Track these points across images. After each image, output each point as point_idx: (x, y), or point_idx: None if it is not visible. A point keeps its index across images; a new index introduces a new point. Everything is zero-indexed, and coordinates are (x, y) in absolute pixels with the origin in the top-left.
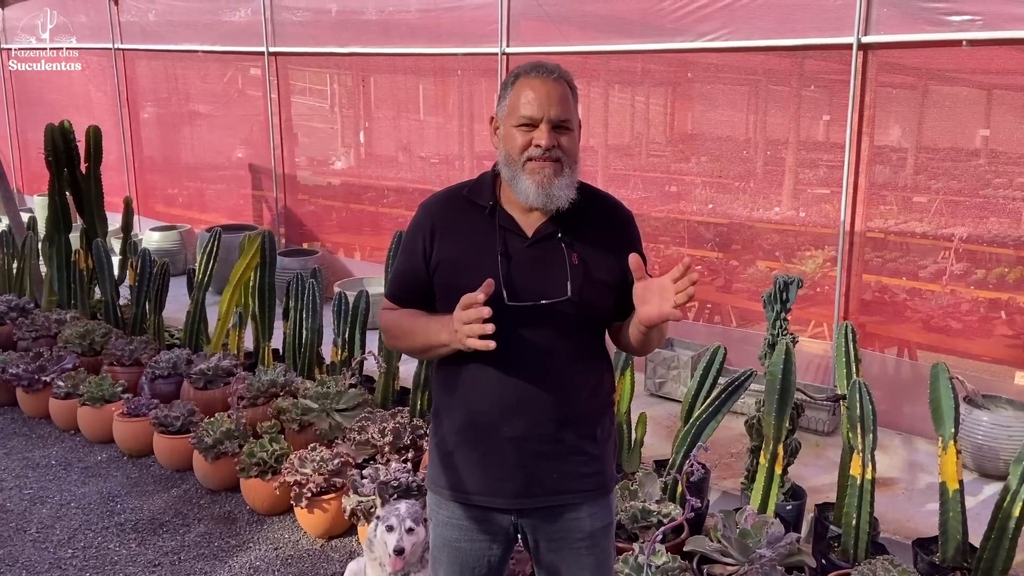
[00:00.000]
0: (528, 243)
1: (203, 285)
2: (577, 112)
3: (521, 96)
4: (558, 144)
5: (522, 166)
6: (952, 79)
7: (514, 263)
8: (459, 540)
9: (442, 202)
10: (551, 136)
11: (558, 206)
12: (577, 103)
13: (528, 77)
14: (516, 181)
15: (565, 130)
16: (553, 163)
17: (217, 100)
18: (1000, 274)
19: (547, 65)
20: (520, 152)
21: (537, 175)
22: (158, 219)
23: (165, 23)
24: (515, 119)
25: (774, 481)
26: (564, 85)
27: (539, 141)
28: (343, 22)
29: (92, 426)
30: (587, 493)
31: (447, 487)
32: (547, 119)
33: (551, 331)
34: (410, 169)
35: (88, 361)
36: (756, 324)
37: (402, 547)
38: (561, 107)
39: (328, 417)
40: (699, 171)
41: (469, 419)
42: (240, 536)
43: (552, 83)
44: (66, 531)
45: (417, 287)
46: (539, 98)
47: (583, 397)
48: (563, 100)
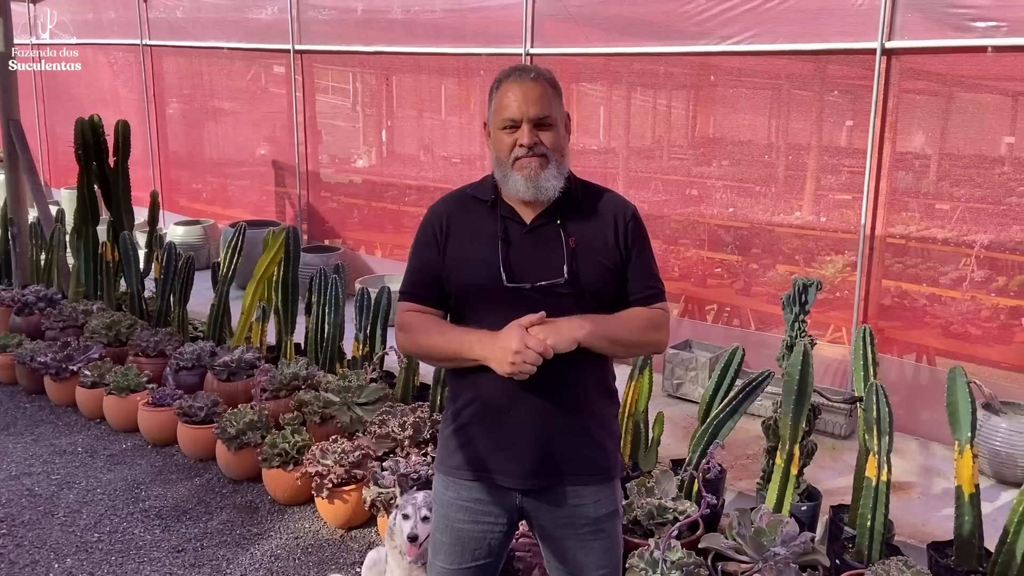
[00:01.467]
0: (527, 229)
1: (227, 279)
2: (560, 107)
3: (502, 99)
4: (540, 140)
5: (511, 165)
6: (976, 86)
7: (513, 248)
8: (463, 521)
9: (448, 200)
10: (532, 134)
11: (548, 197)
12: (560, 99)
13: (507, 81)
14: (507, 179)
15: (547, 127)
16: (539, 158)
17: (242, 97)
18: (1022, 281)
19: (524, 66)
20: (507, 153)
21: (524, 170)
22: (182, 214)
23: (192, 20)
24: (499, 122)
25: (789, 481)
26: (542, 83)
27: (522, 140)
28: (369, 21)
29: (117, 415)
30: (591, 476)
31: (461, 466)
32: (527, 118)
33: (552, 313)
34: (432, 168)
35: (114, 351)
36: (774, 328)
37: (415, 534)
38: (540, 105)
39: (349, 410)
40: (720, 175)
41: (481, 403)
42: (261, 525)
43: (529, 83)
44: (92, 516)
45: (435, 281)
46: (518, 99)
47: (587, 386)
48: (541, 98)
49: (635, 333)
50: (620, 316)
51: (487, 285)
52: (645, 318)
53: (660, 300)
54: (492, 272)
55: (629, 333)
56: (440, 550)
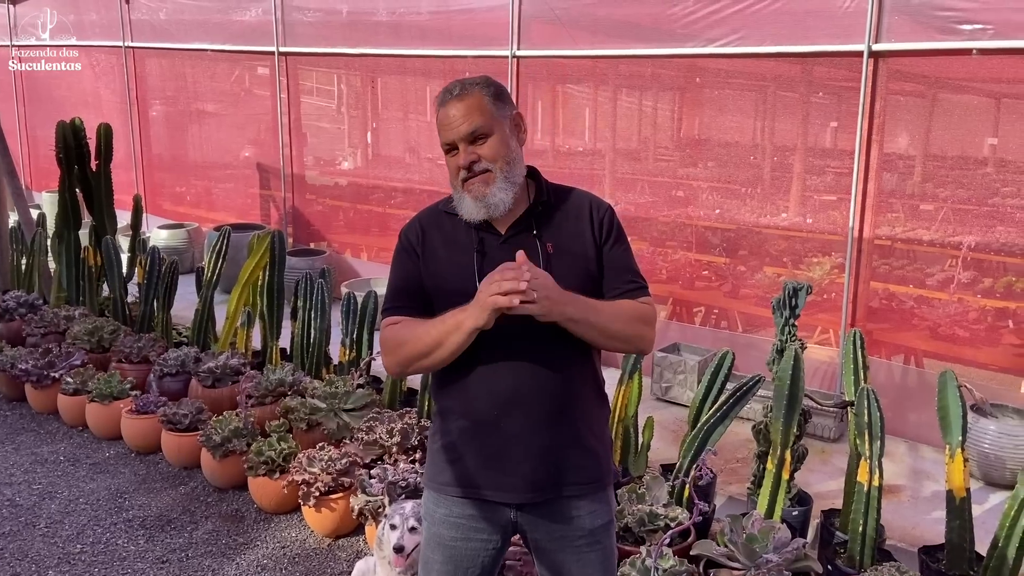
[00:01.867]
0: (503, 239)
1: (212, 284)
2: (500, 111)
3: (439, 125)
4: (479, 156)
5: (462, 187)
6: (962, 87)
7: (488, 259)
8: (455, 539)
9: (423, 216)
10: (467, 153)
11: (502, 211)
12: (500, 101)
13: (439, 106)
14: (461, 203)
15: (482, 138)
16: (481, 175)
17: (226, 99)
18: (1008, 283)
19: (451, 85)
20: (456, 177)
21: (472, 191)
22: (165, 217)
23: (175, 22)
24: (443, 147)
25: (781, 487)
26: (469, 96)
27: (460, 162)
28: (354, 23)
29: (100, 423)
30: (585, 486)
31: (451, 483)
32: (459, 138)
33: (534, 325)
34: (418, 170)
35: (96, 358)
36: (762, 330)
37: (402, 544)
38: (468, 121)
39: (336, 417)
40: (707, 176)
41: (468, 417)
42: (248, 534)
43: (454, 103)
44: (75, 526)
45: (418, 293)
46: (448, 122)
47: (576, 394)
48: (468, 114)
49: (621, 322)
50: (609, 303)
51: (464, 302)
52: (633, 309)
53: (645, 294)
54: (468, 286)
55: (616, 322)
56: (431, 568)
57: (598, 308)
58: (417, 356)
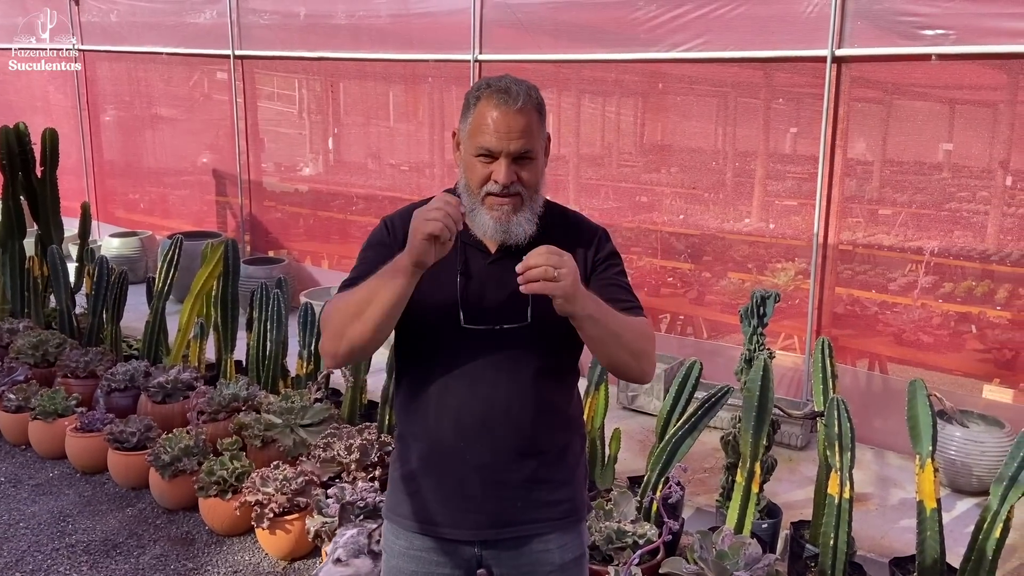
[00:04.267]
0: (491, 260)
1: (163, 294)
2: (543, 132)
3: (481, 122)
4: (518, 178)
5: (481, 200)
6: (923, 94)
7: (473, 282)
8: (415, 572)
9: (406, 215)
10: (510, 172)
11: (518, 241)
12: (544, 121)
13: (489, 103)
14: (475, 214)
15: (527, 160)
16: (512, 198)
17: (181, 104)
18: (968, 287)
19: (511, 90)
20: (479, 185)
21: (495, 211)
22: (119, 225)
23: (127, 24)
24: (473, 147)
25: (751, 500)
26: (529, 113)
27: (497, 177)
28: (312, 26)
29: (43, 441)
30: (556, 522)
31: (409, 516)
32: (506, 153)
33: (512, 353)
34: (380, 176)
35: (41, 373)
36: (728, 336)
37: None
38: (523, 140)
39: (292, 433)
40: (670, 182)
41: (432, 446)
42: (198, 559)
43: (514, 116)
44: (13, 553)
45: None
46: (499, 131)
47: (549, 420)
48: (525, 132)
49: (632, 334)
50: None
51: (440, 324)
52: (639, 324)
53: (641, 315)
54: (449, 309)
55: (628, 331)
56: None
57: (614, 312)
58: (349, 319)
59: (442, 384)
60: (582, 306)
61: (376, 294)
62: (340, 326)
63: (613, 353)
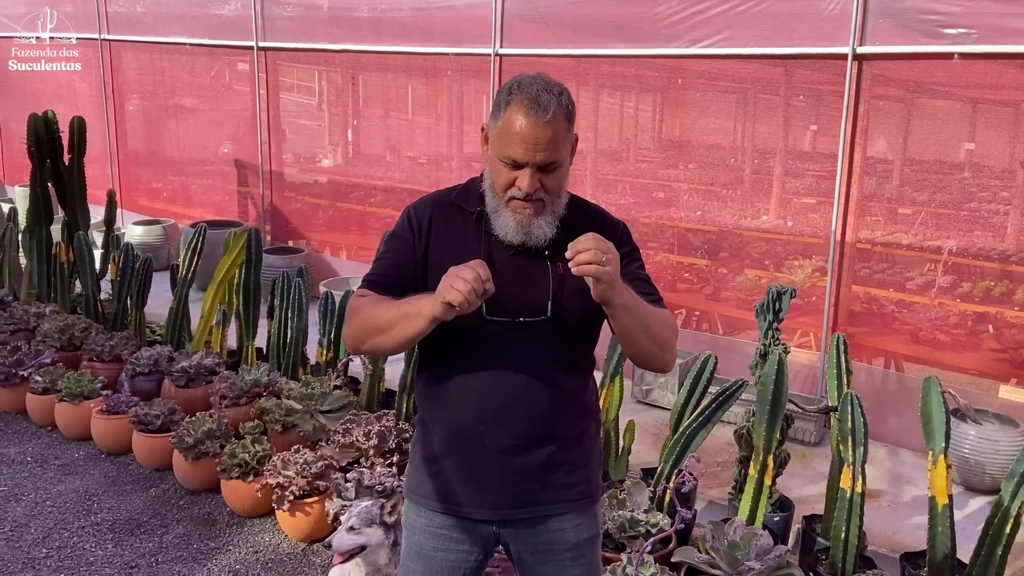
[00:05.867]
0: (514, 252)
1: (187, 281)
2: (570, 139)
3: (509, 129)
4: (542, 186)
5: (505, 203)
6: (944, 92)
7: (497, 273)
8: (436, 549)
9: (431, 205)
10: (533, 180)
11: (538, 244)
12: (572, 127)
13: (519, 111)
14: (497, 215)
15: (552, 169)
16: (535, 203)
17: (204, 94)
18: (986, 287)
19: (541, 99)
20: (503, 189)
21: (518, 214)
22: (141, 213)
23: (153, 14)
24: (500, 151)
25: (763, 492)
26: (558, 123)
27: (521, 185)
28: (335, 18)
29: (70, 423)
30: (572, 503)
31: (430, 496)
32: (532, 164)
33: (532, 344)
34: (398, 169)
35: (67, 356)
36: (744, 332)
37: (330, 542)
38: (549, 151)
39: (312, 419)
40: (688, 178)
41: (453, 430)
42: (220, 538)
43: (543, 127)
44: (40, 530)
45: (403, 277)
46: (526, 141)
47: (567, 407)
48: (552, 143)
49: (660, 324)
50: (651, 306)
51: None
52: (664, 315)
53: (663, 306)
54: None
55: (656, 322)
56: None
57: (645, 303)
58: (373, 331)
59: (463, 372)
60: (619, 294)
61: (397, 324)
62: (363, 333)
63: (641, 342)
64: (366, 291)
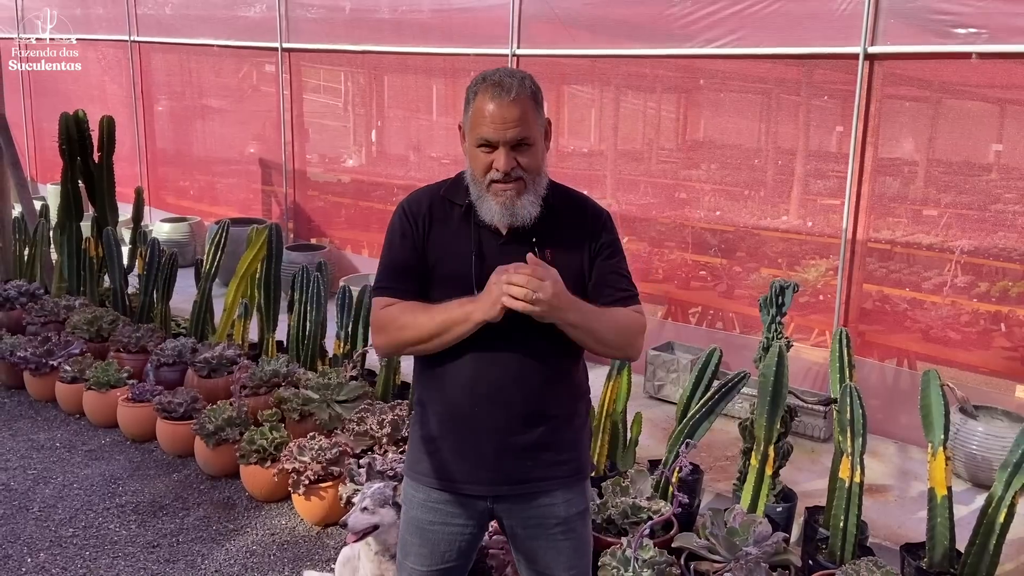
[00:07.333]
0: (503, 241)
1: (210, 276)
2: (540, 119)
3: (478, 115)
4: (518, 164)
5: (486, 188)
6: (960, 92)
7: (487, 262)
8: (432, 523)
9: (423, 199)
10: (509, 159)
11: (524, 223)
12: (541, 108)
13: (485, 96)
14: (481, 201)
15: (525, 147)
16: (515, 183)
17: (230, 95)
18: (1003, 288)
19: (504, 83)
20: (483, 174)
21: (500, 197)
22: (169, 211)
23: (181, 17)
24: (475, 139)
25: (764, 482)
26: (523, 101)
27: (498, 165)
28: (356, 20)
29: (97, 410)
30: (562, 480)
31: (428, 473)
32: (504, 142)
33: (522, 329)
34: (420, 169)
35: (95, 347)
36: (758, 330)
37: (346, 521)
38: (519, 128)
39: (328, 408)
40: (708, 178)
41: (449, 411)
42: (238, 521)
43: (508, 105)
44: (68, 511)
45: (416, 275)
46: (495, 122)
47: (557, 389)
48: (521, 120)
49: (615, 332)
50: (607, 310)
51: (461, 288)
52: (627, 318)
53: (636, 303)
54: (464, 290)
55: (611, 331)
56: (409, 551)
57: (597, 315)
58: (416, 341)
59: (458, 356)
60: (563, 317)
61: (443, 332)
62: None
63: (593, 347)
64: (390, 299)
